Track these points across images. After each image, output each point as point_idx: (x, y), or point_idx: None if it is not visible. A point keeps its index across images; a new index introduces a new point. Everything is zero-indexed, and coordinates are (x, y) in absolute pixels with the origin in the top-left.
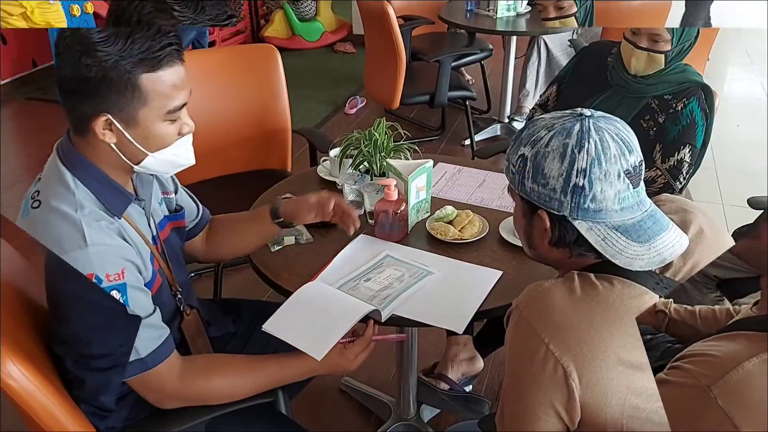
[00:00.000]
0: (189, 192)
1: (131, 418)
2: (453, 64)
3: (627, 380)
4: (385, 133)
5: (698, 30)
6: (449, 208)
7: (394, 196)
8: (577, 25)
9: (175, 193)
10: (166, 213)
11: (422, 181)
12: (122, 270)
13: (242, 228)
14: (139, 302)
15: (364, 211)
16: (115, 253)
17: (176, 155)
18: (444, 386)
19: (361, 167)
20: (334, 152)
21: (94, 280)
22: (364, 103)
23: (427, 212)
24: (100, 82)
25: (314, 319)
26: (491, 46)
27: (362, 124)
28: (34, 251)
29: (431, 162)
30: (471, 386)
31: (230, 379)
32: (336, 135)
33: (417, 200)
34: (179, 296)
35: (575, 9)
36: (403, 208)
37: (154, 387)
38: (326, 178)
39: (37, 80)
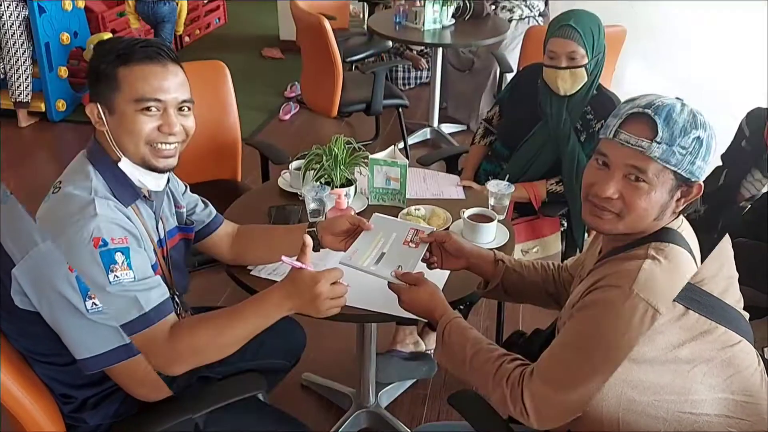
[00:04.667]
0: (204, 199)
1: (120, 414)
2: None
3: (624, 373)
4: (344, 149)
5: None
6: (422, 209)
7: (344, 204)
8: (587, 77)
9: (183, 194)
10: (177, 224)
11: (393, 173)
12: (125, 237)
13: (276, 239)
14: (141, 265)
15: (325, 217)
16: (120, 225)
17: (140, 179)
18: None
19: (322, 179)
20: (294, 165)
21: (100, 243)
22: (297, 110)
23: (402, 203)
24: (93, 72)
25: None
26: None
27: (299, 131)
28: None
29: (407, 162)
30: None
31: (212, 331)
32: (274, 142)
33: (383, 185)
34: (177, 300)
35: (586, 61)
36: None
37: (154, 348)
38: (287, 189)
39: None
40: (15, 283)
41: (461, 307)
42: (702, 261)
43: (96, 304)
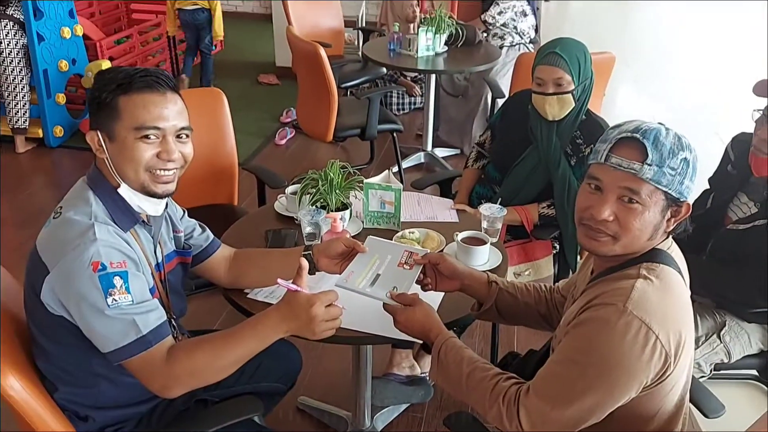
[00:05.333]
0: (201, 223)
1: None
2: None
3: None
4: (339, 174)
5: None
6: (416, 232)
7: (340, 228)
8: (574, 103)
9: (181, 218)
10: (175, 248)
11: (388, 197)
12: (123, 261)
13: (272, 263)
14: (139, 288)
15: (321, 240)
16: (119, 250)
17: (139, 205)
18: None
19: (317, 204)
20: (290, 190)
21: (99, 267)
22: (293, 134)
23: (397, 227)
24: (93, 101)
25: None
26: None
27: (295, 156)
28: None
29: (401, 186)
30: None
31: (209, 354)
32: (270, 166)
33: (378, 209)
34: (174, 323)
35: (573, 87)
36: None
37: (152, 371)
38: (283, 213)
39: None
40: (47, 288)
41: (455, 328)
42: (689, 281)
43: (116, 300)
